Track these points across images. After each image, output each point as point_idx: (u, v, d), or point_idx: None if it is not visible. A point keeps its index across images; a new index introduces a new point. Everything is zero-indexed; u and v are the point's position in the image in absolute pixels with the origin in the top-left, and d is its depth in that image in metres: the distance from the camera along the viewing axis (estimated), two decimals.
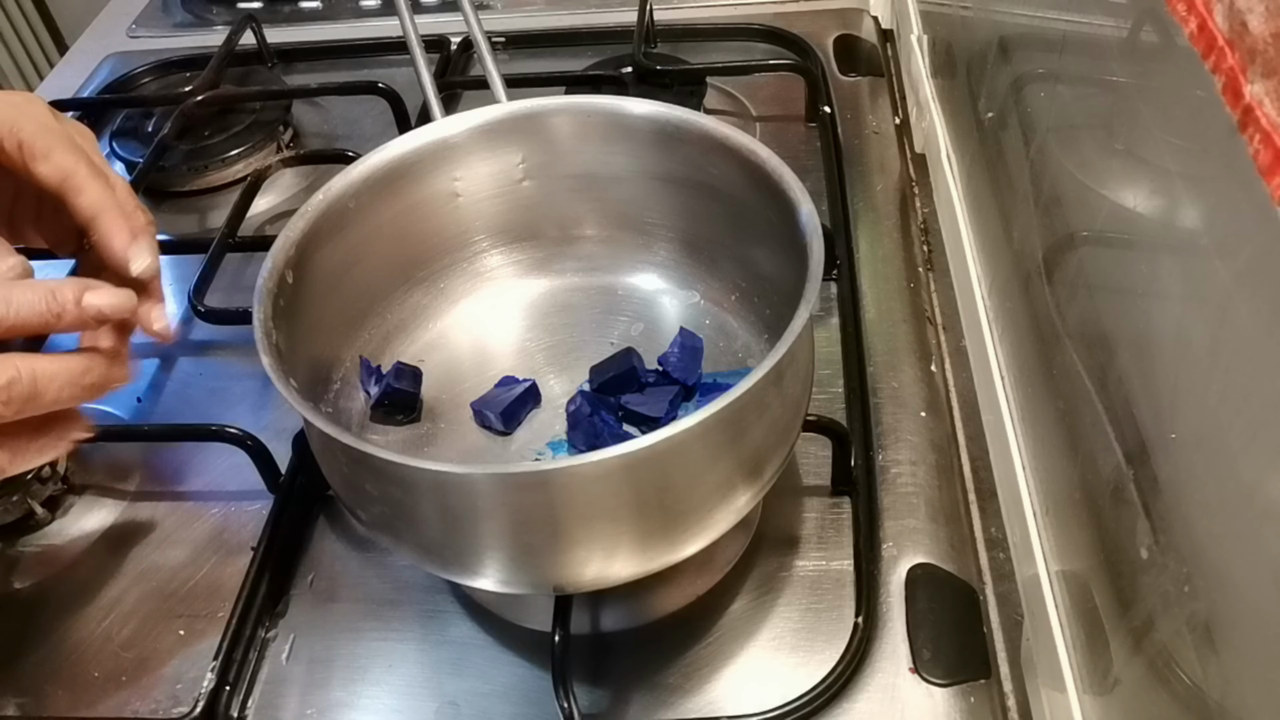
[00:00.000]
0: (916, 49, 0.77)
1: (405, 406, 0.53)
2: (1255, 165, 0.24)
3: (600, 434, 0.50)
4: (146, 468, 0.60)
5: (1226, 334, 0.29)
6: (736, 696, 0.47)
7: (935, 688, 0.47)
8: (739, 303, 0.56)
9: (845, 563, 0.51)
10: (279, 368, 0.42)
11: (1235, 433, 0.29)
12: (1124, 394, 0.38)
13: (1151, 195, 0.36)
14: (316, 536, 0.55)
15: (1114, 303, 0.40)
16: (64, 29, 1.69)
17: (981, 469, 0.57)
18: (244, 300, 0.45)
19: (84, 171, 0.43)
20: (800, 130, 0.79)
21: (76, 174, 0.43)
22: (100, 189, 0.44)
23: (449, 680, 0.49)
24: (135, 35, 0.98)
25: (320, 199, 0.50)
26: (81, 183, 0.43)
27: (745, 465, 0.43)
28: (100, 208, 0.43)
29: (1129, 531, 0.37)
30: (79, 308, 0.40)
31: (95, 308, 0.41)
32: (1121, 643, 0.38)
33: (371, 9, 0.97)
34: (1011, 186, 0.54)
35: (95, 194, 0.43)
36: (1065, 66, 0.46)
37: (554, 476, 0.39)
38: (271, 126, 0.81)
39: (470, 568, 0.43)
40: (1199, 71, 0.27)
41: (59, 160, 0.43)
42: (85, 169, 0.43)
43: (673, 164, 0.53)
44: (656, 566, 0.44)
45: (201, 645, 0.51)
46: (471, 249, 0.58)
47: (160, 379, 0.66)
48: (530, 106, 0.54)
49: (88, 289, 0.41)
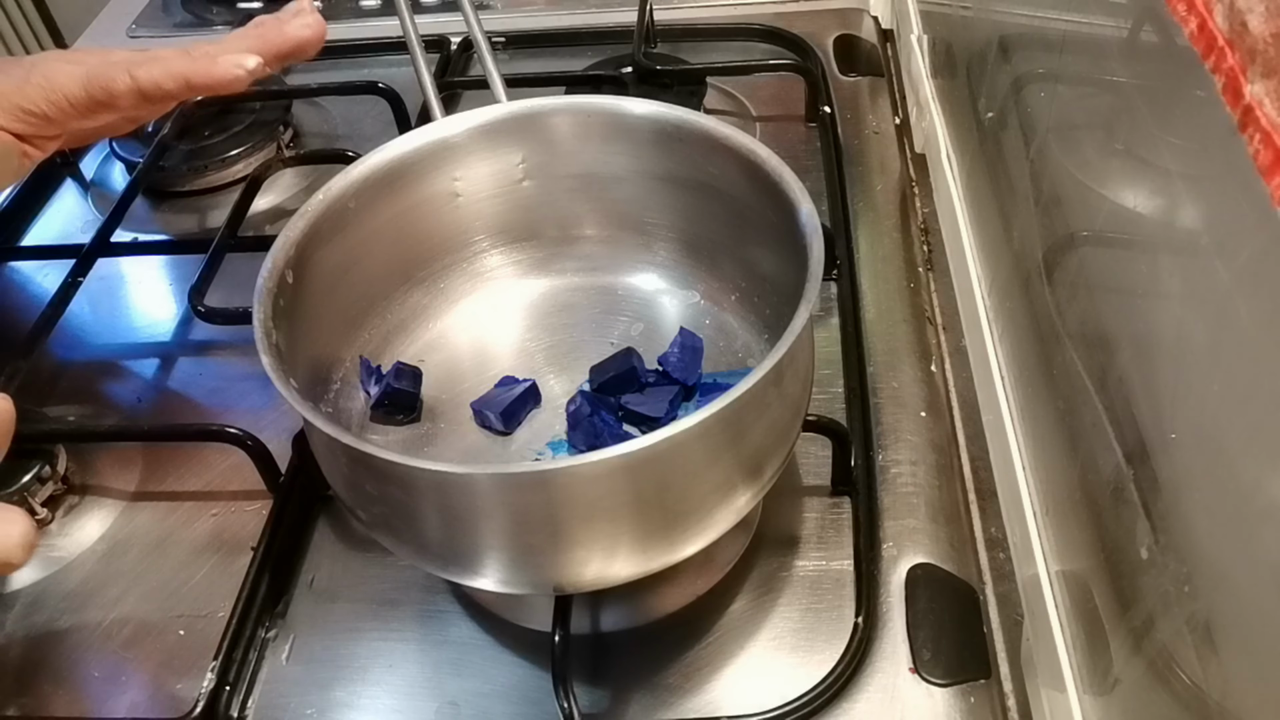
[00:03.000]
0: (916, 49, 0.77)
1: (405, 406, 0.53)
2: (1255, 165, 0.24)
3: (600, 434, 0.50)
4: (146, 468, 0.60)
5: (1226, 334, 0.29)
6: (736, 696, 0.47)
7: (935, 688, 0.47)
8: (739, 303, 0.56)
9: (845, 563, 0.51)
10: (279, 368, 0.42)
11: (1235, 433, 0.29)
12: (1124, 394, 0.38)
13: (1151, 195, 0.36)
14: (316, 536, 0.55)
15: (1114, 303, 0.40)
16: (64, 29, 1.69)
17: (981, 469, 0.57)
18: (244, 300, 0.45)
19: (143, 72, 0.49)
20: (800, 130, 0.79)
21: (144, 77, 0.49)
22: (161, 68, 0.49)
23: (449, 680, 0.49)
24: (135, 35, 0.98)
25: (320, 199, 0.50)
26: (153, 80, 0.49)
27: (745, 465, 0.43)
28: (179, 76, 0.49)
29: (1129, 531, 0.37)
30: (214, 62, 0.49)
31: (233, 59, 0.49)
32: (1121, 643, 0.38)
33: (371, 9, 0.97)
34: (1011, 186, 0.54)
35: (163, 73, 0.49)
36: (1065, 66, 0.46)
37: (554, 476, 0.39)
38: (271, 126, 0.81)
39: (470, 568, 0.43)
40: (1199, 71, 0.27)
41: (117, 84, 0.49)
42: (138, 71, 0.49)
43: (673, 164, 0.53)
44: (656, 566, 0.44)
45: (201, 645, 0.51)
46: (471, 249, 0.58)
47: (160, 379, 0.66)
48: (530, 106, 0.54)
49: (222, 51, 0.50)
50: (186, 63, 0.50)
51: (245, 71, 0.50)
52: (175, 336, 0.68)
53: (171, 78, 0.49)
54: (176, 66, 0.49)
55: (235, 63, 0.50)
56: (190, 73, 0.49)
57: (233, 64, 0.49)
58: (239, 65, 0.50)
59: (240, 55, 0.50)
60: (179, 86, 0.50)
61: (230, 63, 0.50)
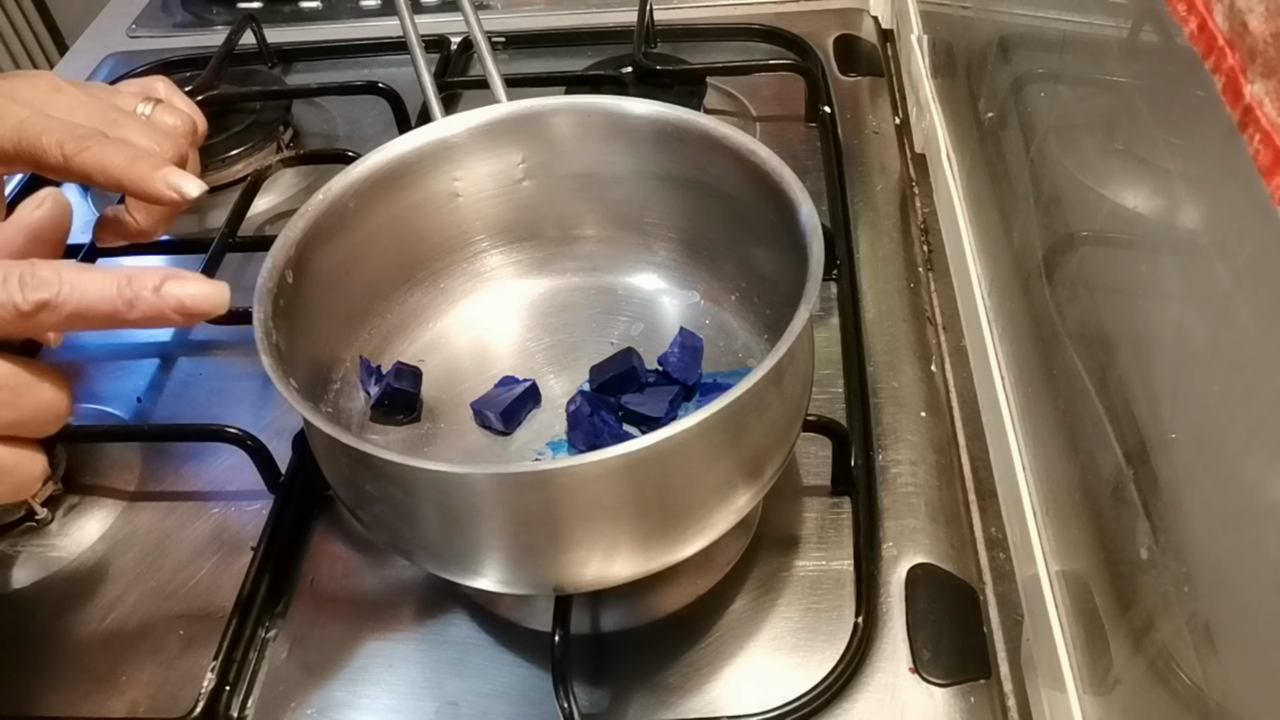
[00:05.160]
0: (916, 49, 0.77)
1: (405, 406, 0.53)
2: (1255, 165, 0.24)
3: (600, 434, 0.50)
4: (146, 468, 0.60)
5: (1226, 334, 0.29)
6: (736, 696, 0.47)
7: (935, 688, 0.47)
8: (739, 303, 0.56)
9: (845, 563, 0.51)
10: (279, 368, 0.42)
11: (1235, 433, 0.29)
12: (1124, 394, 0.38)
13: (1151, 195, 0.36)
14: (316, 536, 0.55)
15: (1114, 303, 0.40)
16: (64, 29, 1.69)
17: (981, 469, 0.57)
18: (244, 300, 0.45)
19: (85, 153, 0.42)
20: (800, 130, 0.79)
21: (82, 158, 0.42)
22: (109, 155, 0.42)
23: (449, 680, 0.49)
24: (135, 35, 0.98)
25: (320, 199, 0.50)
26: (87, 161, 0.42)
27: (745, 465, 0.43)
28: (115, 172, 0.42)
29: (1129, 531, 0.37)
30: (157, 296, 0.35)
31: (176, 298, 0.36)
32: (1121, 643, 0.38)
33: (371, 9, 0.97)
34: (1011, 186, 0.54)
35: (106, 162, 0.42)
36: (1065, 66, 0.46)
37: (554, 476, 0.39)
38: (271, 126, 0.81)
39: (470, 568, 0.43)
40: (1199, 71, 0.27)
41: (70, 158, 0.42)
42: (83, 149, 0.42)
43: (673, 164, 0.53)
44: (656, 566, 0.44)
45: (201, 645, 0.51)
46: (471, 249, 0.58)
47: (160, 379, 0.66)
48: (530, 106, 0.54)
49: (171, 277, 0.36)
50: (122, 163, 0.42)
51: (179, 195, 0.43)
52: (175, 336, 0.68)
53: (103, 171, 0.42)
54: (111, 162, 0.42)
55: (172, 183, 0.42)
56: (124, 175, 0.42)
57: (170, 183, 0.42)
58: (176, 188, 0.42)
59: (181, 176, 0.43)
60: (108, 184, 0.43)
61: (167, 180, 0.43)
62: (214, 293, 0.36)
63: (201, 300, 0.36)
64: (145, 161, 0.42)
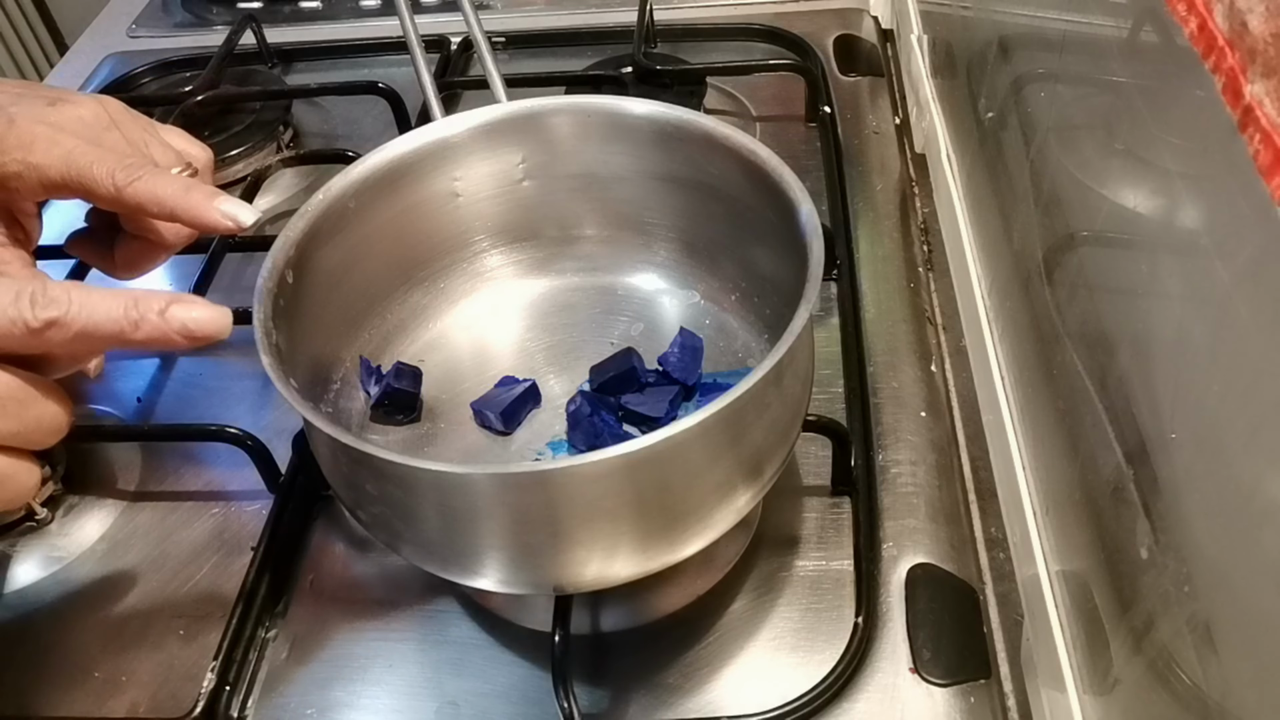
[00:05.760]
0: (916, 49, 0.77)
1: (405, 406, 0.53)
2: (1255, 165, 0.24)
3: (600, 434, 0.50)
4: (146, 468, 0.60)
5: (1226, 334, 0.29)
6: (736, 696, 0.47)
7: (935, 688, 0.47)
8: (739, 303, 0.56)
9: (845, 563, 0.51)
10: (279, 368, 0.42)
11: (1235, 433, 0.29)
12: (1124, 394, 0.38)
13: (1151, 195, 0.36)
14: (316, 536, 0.55)
15: (1114, 303, 0.40)
16: (64, 29, 1.69)
17: (981, 469, 0.57)
18: (244, 300, 0.45)
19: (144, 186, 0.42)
20: (800, 130, 0.79)
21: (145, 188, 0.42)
22: (162, 185, 0.42)
23: (449, 680, 0.49)
24: (135, 35, 0.98)
25: (320, 199, 0.50)
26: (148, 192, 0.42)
27: (745, 465, 0.43)
28: (170, 202, 0.42)
29: (1129, 531, 0.37)
30: (162, 319, 0.37)
31: (180, 321, 0.37)
32: (1121, 643, 0.38)
33: (371, 9, 0.97)
34: (1011, 186, 0.54)
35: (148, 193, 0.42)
36: (1065, 66, 0.46)
37: (554, 476, 0.39)
38: (271, 126, 0.81)
39: (470, 568, 0.43)
40: (1199, 71, 0.27)
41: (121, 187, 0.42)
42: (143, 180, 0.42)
43: (673, 164, 0.53)
44: (656, 566, 0.44)
45: (201, 645, 0.51)
46: (471, 249, 0.58)
47: (160, 379, 0.66)
48: (530, 106, 0.54)
49: (176, 301, 0.37)
50: (176, 192, 0.43)
51: (235, 224, 0.43)
52: None
53: (156, 201, 0.43)
54: (165, 192, 0.43)
55: (228, 212, 0.43)
56: (178, 205, 0.43)
57: (226, 212, 0.43)
58: (231, 216, 0.43)
59: (236, 205, 0.43)
60: (161, 214, 0.44)
61: (223, 210, 0.43)
62: (217, 318, 0.38)
63: (205, 324, 0.37)
64: (199, 190, 0.43)
